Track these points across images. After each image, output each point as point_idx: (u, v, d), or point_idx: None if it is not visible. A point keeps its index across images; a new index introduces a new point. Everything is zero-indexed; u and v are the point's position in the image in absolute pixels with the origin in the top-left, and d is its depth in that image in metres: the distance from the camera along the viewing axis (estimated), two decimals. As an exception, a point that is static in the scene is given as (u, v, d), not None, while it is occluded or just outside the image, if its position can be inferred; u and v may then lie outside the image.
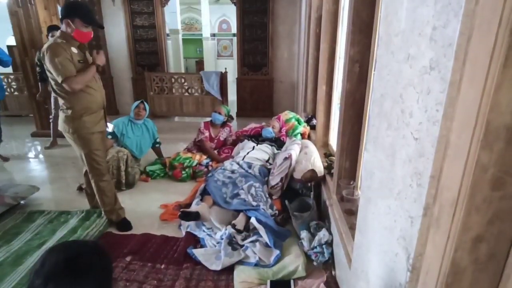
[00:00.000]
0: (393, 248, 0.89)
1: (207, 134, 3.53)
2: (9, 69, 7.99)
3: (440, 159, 0.67)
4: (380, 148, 1.05)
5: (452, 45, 0.60)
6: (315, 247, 1.81)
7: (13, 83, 6.07)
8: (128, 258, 1.97)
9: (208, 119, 3.71)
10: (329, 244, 1.81)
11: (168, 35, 6.95)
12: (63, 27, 1.98)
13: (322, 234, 1.83)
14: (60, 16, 2.04)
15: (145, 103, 3.34)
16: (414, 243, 0.76)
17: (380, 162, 1.05)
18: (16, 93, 6.08)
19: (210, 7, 10.81)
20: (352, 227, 1.56)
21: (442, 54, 0.64)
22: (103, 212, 2.35)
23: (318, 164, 2.27)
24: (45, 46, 1.93)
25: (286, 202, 2.16)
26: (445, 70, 0.63)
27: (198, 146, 3.54)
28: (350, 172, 1.85)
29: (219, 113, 3.55)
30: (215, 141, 3.60)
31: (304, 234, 1.90)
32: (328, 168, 2.27)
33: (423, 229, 0.73)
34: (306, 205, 2.16)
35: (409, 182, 0.80)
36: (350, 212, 1.69)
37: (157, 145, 3.50)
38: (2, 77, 6.15)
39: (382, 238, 1.00)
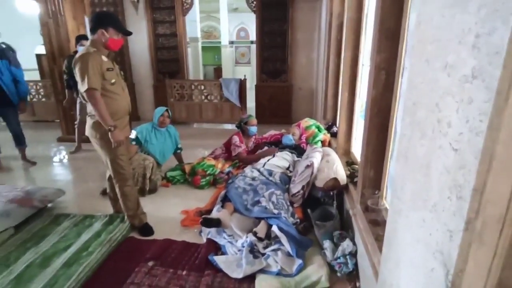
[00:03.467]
0: (429, 262, 0.85)
1: (244, 146, 3.49)
2: (38, 77, 8.39)
3: (484, 171, 0.64)
4: (412, 158, 1.02)
5: (499, 53, 0.58)
6: (339, 258, 1.77)
7: (41, 90, 6.34)
8: (150, 263, 1.99)
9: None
10: (353, 255, 1.77)
11: (188, 43, 7.10)
12: (95, 36, 2.06)
13: (346, 245, 1.79)
14: (89, 27, 2.13)
15: (169, 111, 3.41)
16: (454, 258, 0.72)
17: (412, 173, 1.02)
18: (43, 99, 6.34)
19: (228, 15, 10.98)
20: (378, 239, 1.52)
21: (487, 62, 0.62)
22: (126, 217, 2.39)
23: (340, 172, 2.23)
24: (77, 55, 2.01)
25: (309, 210, 2.13)
26: (490, 79, 0.61)
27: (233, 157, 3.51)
28: (374, 181, 1.81)
29: (255, 125, 3.57)
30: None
31: (327, 244, 1.87)
32: (351, 176, 2.22)
33: (464, 244, 0.69)
34: (328, 214, 2.12)
35: (447, 194, 0.77)
36: (376, 223, 1.65)
37: (179, 151, 3.56)
38: (31, 84, 6.46)
39: (415, 251, 0.96)
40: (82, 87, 1.98)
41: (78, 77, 2.00)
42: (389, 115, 1.67)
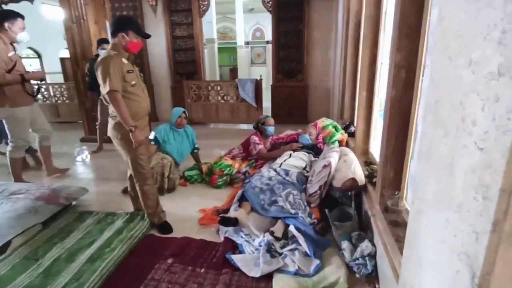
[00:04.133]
0: (453, 264, 0.84)
1: (262, 144, 3.48)
2: (61, 79, 8.71)
3: (512, 171, 0.62)
4: (434, 157, 1.00)
5: (528, 49, 0.56)
6: (357, 259, 1.75)
7: (65, 92, 6.58)
8: (169, 260, 2.03)
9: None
10: (372, 256, 1.74)
11: (204, 44, 7.20)
12: (116, 40, 2.13)
13: (365, 246, 1.77)
14: (110, 31, 2.19)
15: (186, 112, 3.47)
16: (481, 260, 0.70)
17: (434, 172, 0.99)
18: (67, 101, 6.58)
19: (244, 15, 11.03)
20: (398, 240, 1.49)
21: (515, 59, 0.60)
22: (146, 215, 2.45)
23: (359, 172, 2.20)
24: (99, 58, 2.08)
25: (326, 211, 2.12)
26: (518, 76, 0.59)
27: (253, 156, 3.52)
28: (394, 181, 1.78)
29: (273, 125, 3.57)
30: None
31: (345, 244, 1.85)
32: (369, 177, 2.19)
33: (492, 246, 0.68)
34: (346, 215, 2.10)
35: (472, 194, 0.75)
36: (396, 224, 1.62)
37: (196, 151, 3.61)
38: (56, 86, 6.71)
39: (439, 253, 0.94)
40: (104, 89, 2.05)
41: (100, 80, 2.07)
42: (409, 114, 1.64)
